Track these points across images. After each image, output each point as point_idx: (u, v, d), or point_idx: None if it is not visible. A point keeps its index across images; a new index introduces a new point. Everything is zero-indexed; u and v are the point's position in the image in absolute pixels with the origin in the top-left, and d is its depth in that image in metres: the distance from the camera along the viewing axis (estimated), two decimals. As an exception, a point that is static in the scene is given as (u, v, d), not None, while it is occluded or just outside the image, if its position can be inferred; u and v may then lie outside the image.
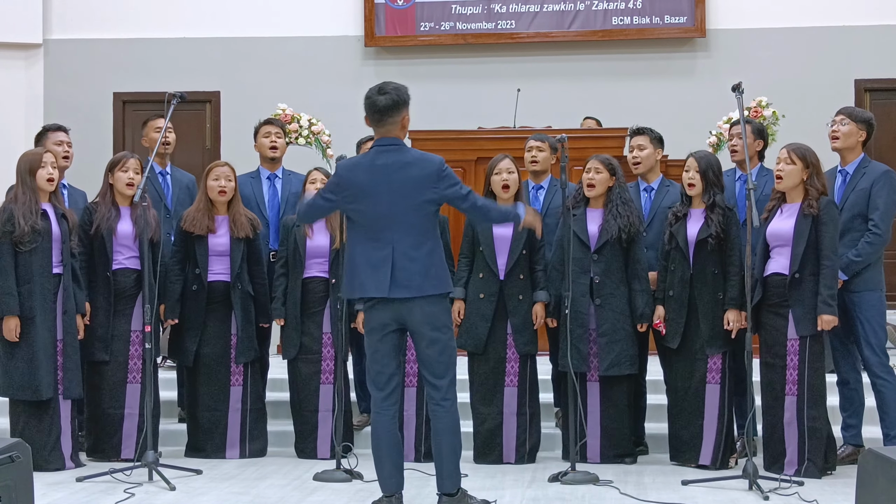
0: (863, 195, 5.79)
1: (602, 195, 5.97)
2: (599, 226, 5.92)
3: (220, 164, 6.30)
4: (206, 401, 6.19)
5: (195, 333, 6.19)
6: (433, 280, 4.63)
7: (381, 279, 4.59)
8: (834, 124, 5.94)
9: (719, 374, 5.76)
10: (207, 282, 6.18)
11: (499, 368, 5.99)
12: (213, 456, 6.14)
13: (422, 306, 4.61)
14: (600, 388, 5.92)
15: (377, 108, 4.68)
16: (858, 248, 5.73)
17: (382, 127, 4.70)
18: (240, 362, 6.21)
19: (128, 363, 6.06)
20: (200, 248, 6.18)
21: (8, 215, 5.76)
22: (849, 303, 5.76)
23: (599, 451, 5.92)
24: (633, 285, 5.92)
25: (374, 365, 4.72)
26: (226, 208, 6.24)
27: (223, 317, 6.21)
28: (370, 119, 4.74)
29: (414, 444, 6.02)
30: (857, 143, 5.90)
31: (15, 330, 5.73)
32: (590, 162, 6.00)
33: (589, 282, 5.89)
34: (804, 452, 5.50)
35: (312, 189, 6.15)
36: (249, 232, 6.23)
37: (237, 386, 6.21)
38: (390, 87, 4.72)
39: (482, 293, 5.98)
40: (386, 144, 4.70)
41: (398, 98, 4.69)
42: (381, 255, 4.60)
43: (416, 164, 4.65)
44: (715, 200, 5.76)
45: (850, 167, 5.91)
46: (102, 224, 6.03)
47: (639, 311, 5.89)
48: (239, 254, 6.19)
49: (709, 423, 5.77)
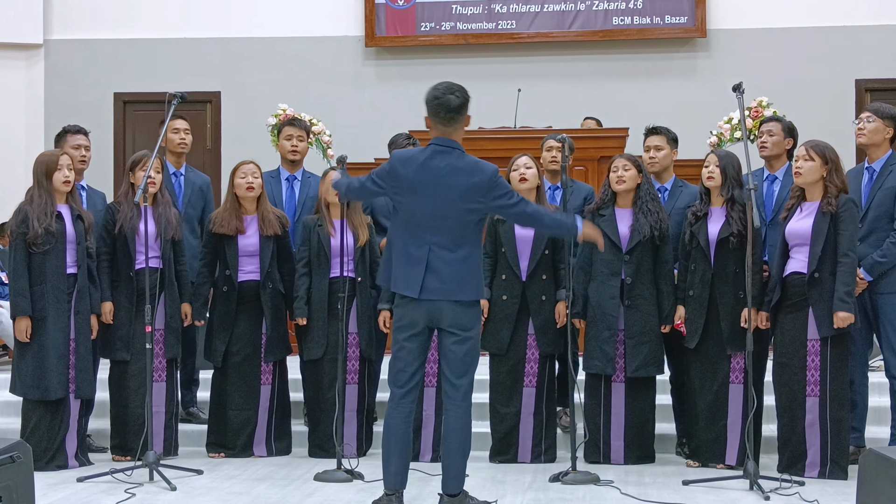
0: (889, 194, 5.71)
1: (631, 192, 5.94)
2: (630, 226, 5.89)
3: (246, 163, 6.31)
4: (237, 400, 6.19)
5: (225, 334, 6.21)
6: (465, 287, 4.62)
7: (414, 279, 4.59)
8: (860, 121, 5.88)
9: (742, 373, 5.69)
10: (238, 282, 6.19)
11: (518, 368, 5.98)
12: (241, 454, 6.17)
13: (452, 309, 4.62)
14: (626, 390, 5.90)
15: (451, 106, 4.64)
16: (883, 249, 5.65)
17: (450, 126, 4.67)
18: (269, 361, 6.22)
19: (152, 361, 6.05)
20: (230, 249, 6.19)
21: (23, 217, 5.80)
22: (873, 304, 5.71)
23: (624, 452, 5.90)
24: (660, 286, 5.90)
25: (398, 362, 4.72)
26: (254, 206, 6.23)
27: (254, 316, 6.22)
28: (439, 119, 4.67)
29: (432, 444, 6.01)
30: (885, 139, 5.82)
31: (26, 331, 5.76)
32: (616, 160, 5.97)
33: (619, 283, 5.87)
34: (827, 454, 5.45)
35: None
36: (278, 229, 6.23)
37: (266, 385, 6.23)
38: (458, 87, 4.70)
39: (505, 295, 5.97)
40: (443, 145, 4.67)
41: (467, 97, 4.70)
42: (418, 253, 4.61)
43: (467, 171, 4.62)
44: (734, 196, 5.73)
45: (877, 164, 5.83)
46: (125, 224, 6.04)
47: (665, 312, 5.88)
48: (269, 252, 6.20)
49: (733, 423, 5.73)
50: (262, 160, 6.87)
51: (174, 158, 6.79)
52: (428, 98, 4.69)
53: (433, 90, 4.69)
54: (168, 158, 6.78)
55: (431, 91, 4.69)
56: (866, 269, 5.64)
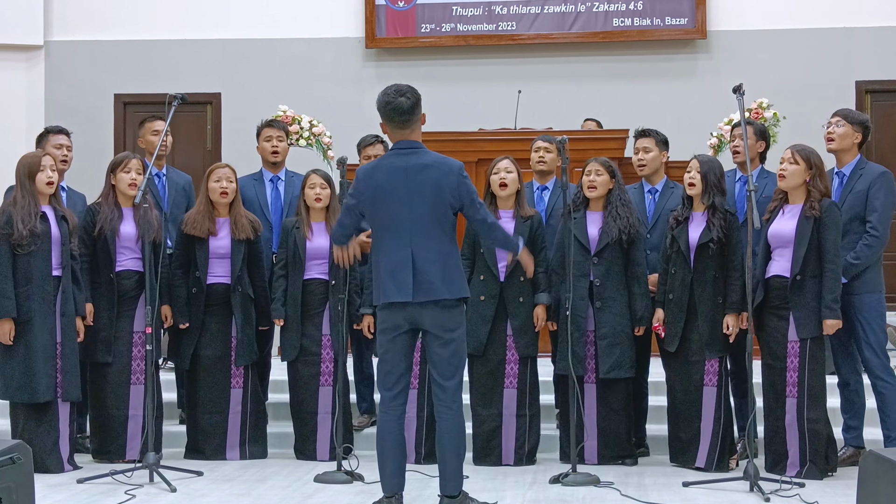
0: (860, 197, 5.77)
1: (602, 197, 5.98)
2: (599, 229, 5.92)
3: (221, 166, 6.30)
4: (206, 403, 6.18)
5: (193, 336, 6.19)
6: (449, 284, 4.64)
7: (404, 283, 4.60)
8: (830, 126, 5.94)
9: (716, 376, 5.76)
10: (207, 284, 6.18)
11: (498, 370, 5.99)
12: (213, 458, 6.14)
13: (437, 310, 4.63)
14: (597, 391, 5.93)
15: (403, 109, 4.66)
16: (857, 251, 5.72)
17: (406, 128, 4.69)
18: (239, 365, 6.21)
19: (131, 364, 6.06)
20: (201, 251, 6.17)
21: (6, 218, 5.76)
22: (848, 305, 5.74)
23: (597, 452, 5.93)
24: (632, 288, 5.92)
25: (384, 365, 4.73)
26: (227, 210, 6.23)
27: (223, 319, 6.21)
28: (393, 123, 4.69)
29: (414, 446, 6.01)
30: (853, 144, 5.90)
31: (9, 333, 5.72)
32: (589, 165, 6.02)
33: (588, 285, 5.90)
34: (805, 454, 5.51)
35: (311, 194, 6.15)
36: (250, 234, 6.23)
37: (237, 388, 6.21)
38: (407, 87, 4.71)
39: (482, 295, 5.98)
40: (405, 147, 4.70)
41: (417, 96, 4.71)
42: (401, 255, 4.62)
43: (435, 166, 4.66)
44: (715, 203, 5.75)
45: (846, 169, 5.90)
46: (106, 225, 6.03)
47: (637, 314, 5.90)
48: (240, 256, 6.19)
49: (705, 425, 5.77)
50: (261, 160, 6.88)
51: (155, 160, 6.74)
52: (379, 104, 4.70)
53: (383, 95, 4.70)
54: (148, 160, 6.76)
55: (381, 96, 4.70)
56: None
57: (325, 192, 6.18)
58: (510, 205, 6.03)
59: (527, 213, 6.03)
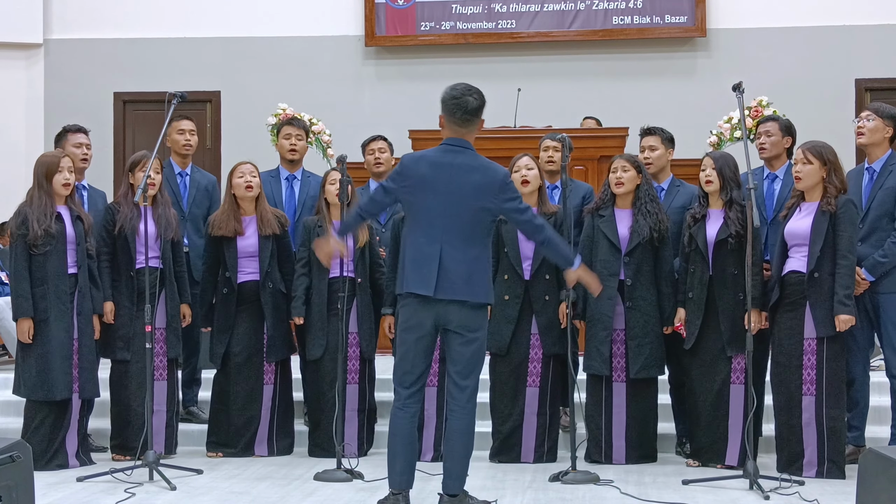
0: (890, 193, 5.68)
1: (630, 193, 5.94)
2: (629, 227, 5.89)
3: (244, 163, 6.32)
4: (240, 400, 6.19)
5: (224, 336, 6.22)
6: (475, 287, 4.61)
7: (428, 277, 4.58)
8: (860, 120, 5.86)
9: (743, 374, 5.68)
10: (238, 283, 6.19)
11: (521, 369, 5.98)
12: (243, 454, 6.17)
13: (461, 310, 4.61)
14: (627, 390, 5.90)
15: (469, 108, 4.66)
16: (885, 249, 5.63)
17: (465, 127, 4.69)
18: (272, 360, 6.23)
19: (152, 360, 6.05)
20: (229, 251, 6.19)
21: (22, 218, 5.81)
22: (874, 304, 5.69)
23: (625, 452, 5.90)
24: (661, 287, 5.90)
25: (404, 363, 4.71)
26: (253, 207, 6.24)
27: (254, 316, 6.23)
28: (454, 118, 4.68)
29: (433, 444, 6.01)
30: (884, 139, 5.79)
31: (28, 332, 5.77)
32: (615, 161, 5.98)
33: (618, 284, 5.87)
34: (824, 453, 5.45)
35: (332, 189, 6.15)
36: (277, 228, 6.24)
37: (269, 385, 6.23)
38: (476, 89, 4.72)
39: (506, 295, 5.96)
40: (456, 145, 4.69)
41: (484, 101, 4.72)
42: (430, 250, 4.59)
43: (480, 170, 4.65)
44: (732, 198, 5.73)
45: (877, 164, 5.80)
46: (125, 224, 6.04)
47: (666, 313, 5.88)
48: (268, 252, 6.20)
49: (734, 424, 5.72)
50: (261, 160, 6.88)
51: (179, 159, 6.81)
52: (445, 97, 4.69)
53: (451, 89, 4.69)
54: (174, 159, 6.80)
55: (449, 90, 4.69)
56: (868, 269, 5.63)
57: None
58: (532, 202, 5.97)
59: (549, 210, 5.99)
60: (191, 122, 6.87)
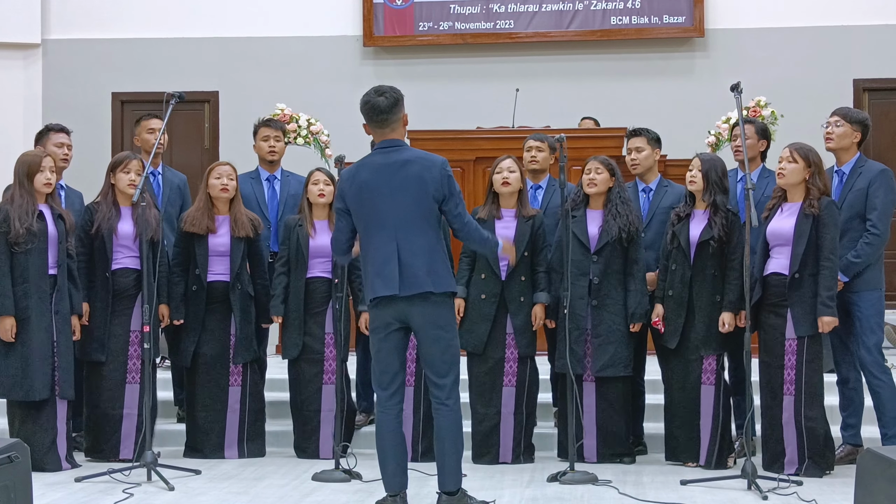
0: (860, 195, 5.77)
1: (602, 195, 5.98)
2: (599, 227, 5.92)
3: (222, 164, 6.31)
4: (204, 401, 6.18)
5: (193, 334, 6.19)
6: (435, 277, 4.64)
7: (391, 276, 4.61)
8: (828, 125, 5.94)
9: (714, 374, 5.77)
10: (207, 282, 6.18)
11: (497, 368, 5.99)
12: (211, 456, 6.14)
13: (425, 305, 4.63)
14: (596, 389, 5.93)
15: (380, 108, 4.69)
16: (857, 249, 5.72)
17: (387, 127, 4.72)
18: (238, 363, 6.21)
19: (127, 363, 6.05)
20: (200, 249, 6.17)
21: (3, 216, 5.76)
22: (848, 302, 5.75)
23: (596, 450, 5.93)
24: (628, 286, 5.93)
25: (378, 364, 4.74)
26: (227, 207, 6.23)
27: (222, 317, 6.21)
28: (373, 123, 4.74)
29: (411, 443, 6.01)
30: (853, 143, 5.90)
31: (10, 330, 5.73)
32: (589, 163, 6.02)
33: (588, 283, 5.90)
34: (804, 452, 5.51)
35: (314, 189, 6.16)
36: (250, 231, 6.23)
37: (235, 386, 6.21)
38: (387, 88, 4.76)
39: (483, 294, 5.98)
40: (387, 146, 4.73)
41: (397, 95, 4.74)
42: (388, 249, 4.63)
43: (417, 161, 4.70)
44: (717, 202, 5.75)
45: (846, 167, 5.90)
46: (103, 224, 6.03)
47: (631, 310, 5.90)
48: (239, 254, 6.19)
49: (704, 423, 5.78)
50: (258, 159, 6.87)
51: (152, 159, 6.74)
52: (360, 105, 4.76)
53: (364, 96, 4.76)
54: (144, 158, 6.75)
55: (363, 97, 4.76)
56: (842, 269, 5.68)
57: (328, 188, 6.19)
58: (512, 204, 6.03)
59: (529, 213, 6.03)
60: (160, 120, 6.81)
